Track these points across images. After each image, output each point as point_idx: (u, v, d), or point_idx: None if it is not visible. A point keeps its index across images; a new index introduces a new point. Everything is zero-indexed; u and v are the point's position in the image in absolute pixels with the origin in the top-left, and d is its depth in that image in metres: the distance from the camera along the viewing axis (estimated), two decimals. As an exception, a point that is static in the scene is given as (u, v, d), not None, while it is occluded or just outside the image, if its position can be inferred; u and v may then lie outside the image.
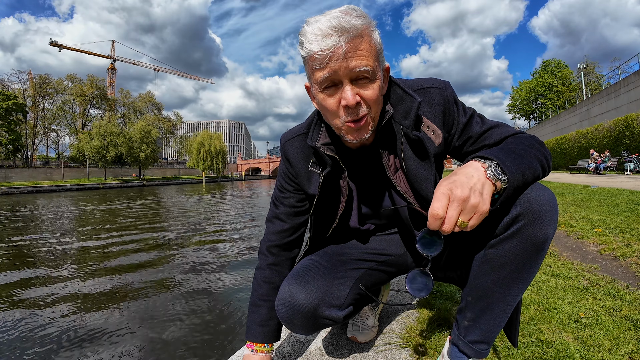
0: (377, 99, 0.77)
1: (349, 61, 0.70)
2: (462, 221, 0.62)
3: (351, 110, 0.75)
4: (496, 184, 0.66)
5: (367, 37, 0.72)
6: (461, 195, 0.62)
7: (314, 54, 0.71)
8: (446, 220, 0.62)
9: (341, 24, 0.69)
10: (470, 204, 0.62)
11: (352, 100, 0.73)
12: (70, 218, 11.99)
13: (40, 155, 62.28)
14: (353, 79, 0.73)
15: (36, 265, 5.61)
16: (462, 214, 0.62)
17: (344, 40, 0.69)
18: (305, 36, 0.72)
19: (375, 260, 1.06)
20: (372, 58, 0.73)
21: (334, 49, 0.69)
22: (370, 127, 0.80)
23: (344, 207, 0.97)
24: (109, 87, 68.85)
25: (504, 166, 0.66)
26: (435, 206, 0.62)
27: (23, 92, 50.31)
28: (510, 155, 0.70)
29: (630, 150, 15.06)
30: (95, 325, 3.36)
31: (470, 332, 0.85)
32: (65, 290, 4.35)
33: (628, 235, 2.75)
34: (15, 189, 31.89)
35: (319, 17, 0.72)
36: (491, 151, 0.72)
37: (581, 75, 33.87)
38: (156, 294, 4.17)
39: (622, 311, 1.45)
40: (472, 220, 0.62)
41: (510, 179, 0.66)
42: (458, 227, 0.62)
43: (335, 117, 0.78)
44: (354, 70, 0.71)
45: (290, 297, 0.92)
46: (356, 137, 0.80)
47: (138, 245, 7.08)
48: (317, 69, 0.73)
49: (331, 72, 0.72)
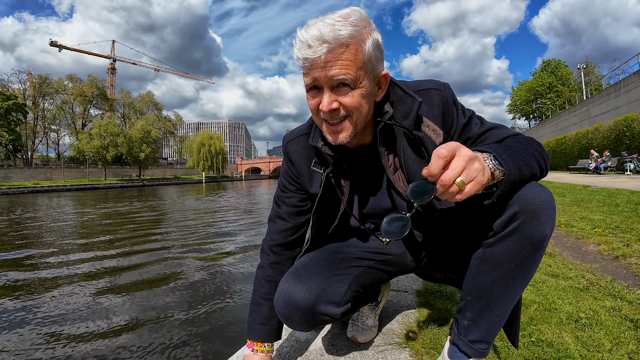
0: (357, 106, 0.78)
1: (328, 70, 0.73)
2: (462, 181, 0.60)
3: (326, 115, 0.79)
4: (494, 173, 0.67)
5: (353, 47, 0.73)
6: (469, 154, 0.61)
7: (299, 61, 0.76)
8: (450, 169, 0.60)
9: (323, 35, 0.71)
10: (474, 166, 0.61)
11: (327, 108, 0.77)
12: (71, 219, 11.99)
13: (40, 155, 62.30)
14: (334, 86, 0.76)
15: (37, 266, 5.61)
16: (463, 173, 0.60)
17: (323, 51, 0.72)
18: (295, 41, 0.77)
19: (374, 259, 1.06)
20: (355, 67, 0.74)
21: (314, 58, 0.73)
22: (351, 132, 0.82)
23: (344, 206, 0.97)
24: (109, 87, 68.84)
25: (501, 159, 0.67)
26: (443, 147, 0.60)
27: (23, 92, 50.32)
28: (507, 151, 0.71)
29: (630, 150, 15.06)
30: (95, 325, 3.36)
31: (470, 332, 0.85)
32: (65, 290, 4.35)
33: (628, 235, 2.75)
34: (16, 189, 31.90)
35: (314, 22, 0.75)
36: (489, 146, 0.73)
37: (581, 75, 33.90)
38: (156, 294, 4.17)
39: (622, 311, 1.45)
40: (469, 184, 0.60)
41: (507, 171, 0.67)
42: (456, 185, 0.60)
43: (316, 116, 0.83)
44: (333, 78, 0.74)
45: (289, 293, 0.92)
46: (333, 139, 0.83)
47: (138, 245, 7.08)
48: (303, 73, 0.78)
49: (313, 80, 0.76)
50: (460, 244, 0.94)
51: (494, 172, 0.67)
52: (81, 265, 5.57)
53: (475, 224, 0.84)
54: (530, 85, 49.22)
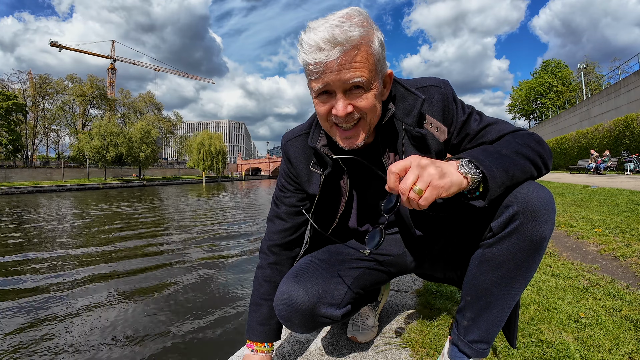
0: (372, 107, 0.77)
1: (342, 74, 0.71)
2: (420, 189, 0.63)
3: (340, 119, 0.77)
4: (467, 177, 0.67)
5: (364, 48, 0.72)
6: (422, 162, 0.65)
7: (309, 65, 0.73)
8: (403, 180, 0.64)
9: (334, 37, 0.68)
10: (427, 172, 0.64)
11: (342, 112, 0.75)
12: (71, 221, 11.99)
13: (40, 156, 62.29)
14: (347, 90, 0.74)
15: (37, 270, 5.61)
16: (419, 181, 0.63)
17: (337, 54, 0.69)
18: (301, 45, 0.73)
19: (374, 260, 1.06)
20: (368, 69, 0.73)
21: (327, 62, 0.70)
22: (366, 134, 0.81)
23: (343, 207, 0.97)
24: (109, 87, 68.84)
25: (477, 162, 0.68)
26: (395, 163, 0.66)
27: (23, 92, 50.34)
28: (492, 155, 0.71)
29: (630, 150, 15.06)
30: (95, 325, 3.36)
31: (470, 332, 0.85)
32: (65, 290, 4.35)
33: (628, 235, 2.75)
34: (16, 189, 31.90)
35: (318, 24, 0.72)
36: (469, 151, 0.74)
37: (581, 75, 33.90)
38: (156, 295, 4.17)
39: (622, 311, 1.45)
40: (427, 191, 0.63)
41: (488, 174, 0.67)
42: (414, 194, 0.63)
43: (326, 121, 0.81)
44: (347, 82, 0.72)
45: (289, 295, 0.92)
46: (347, 145, 0.82)
47: (138, 245, 7.07)
48: (312, 79, 0.75)
49: (325, 84, 0.73)
50: (460, 244, 0.94)
51: (466, 176, 0.67)
52: (80, 267, 5.56)
53: (475, 224, 0.84)
54: (530, 85, 49.22)
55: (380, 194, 1.00)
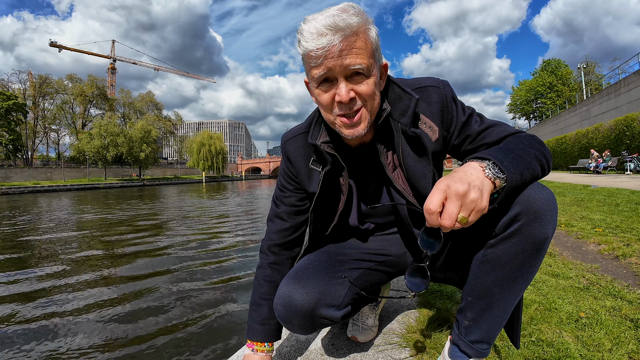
0: (372, 93, 0.79)
1: (343, 59, 0.73)
2: (463, 217, 0.61)
3: (344, 106, 0.78)
4: (495, 182, 0.66)
5: (362, 35, 0.74)
6: (461, 189, 0.61)
7: (310, 52, 0.74)
8: (446, 216, 0.61)
9: (336, 23, 0.70)
10: (469, 198, 0.61)
11: (346, 97, 0.76)
12: (73, 222, 11.99)
13: (41, 155, 62.32)
14: (348, 76, 0.76)
15: (38, 266, 5.61)
16: (462, 209, 0.61)
17: (338, 39, 0.71)
18: (302, 34, 0.74)
19: (374, 260, 1.06)
20: (367, 55, 0.75)
21: (329, 47, 0.71)
22: (368, 122, 0.81)
23: (343, 204, 0.97)
24: (109, 86, 68.83)
25: (502, 165, 0.66)
26: (429, 200, 0.62)
27: (23, 92, 50.27)
28: (508, 155, 0.70)
29: (630, 150, 15.06)
30: (95, 326, 3.36)
31: (471, 332, 0.85)
32: (65, 290, 4.35)
33: (628, 235, 2.75)
34: (16, 189, 31.89)
35: (316, 15, 0.74)
36: (489, 151, 0.72)
37: (581, 75, 33.85)
38: (156, 295, 4.17)
39: (622, 311, 1.45)
40: (471, 216, 0.62)
41: (508, 178, 0.66)
42: (459, 223, 0.62)
43: (329, 112, 0.81)
44: (348, 67, 0.73)
45: (289, 296, 0.92)
46: (351, 133, 0.81)
47: (138, 245, 7.08)
48: (313, 66, 0.76)
49: (326, 70, 0.74)
50: (461, 244, 0.94)
51: (494, 181, 0.66)
52: (81, 266, 5.57)
53: (477, 225, 0.84)
54: (531, 85, 49.24)
55: (380, 191, 1.00)
